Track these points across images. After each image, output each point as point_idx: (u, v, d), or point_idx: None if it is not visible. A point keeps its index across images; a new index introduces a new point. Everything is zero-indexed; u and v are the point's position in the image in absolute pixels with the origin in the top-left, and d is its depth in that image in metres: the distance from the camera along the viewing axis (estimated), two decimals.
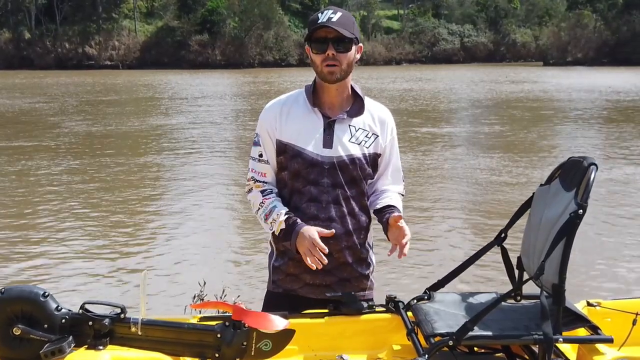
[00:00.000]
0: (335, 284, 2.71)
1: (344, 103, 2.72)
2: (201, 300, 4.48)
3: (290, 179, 2.70)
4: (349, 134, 2.68)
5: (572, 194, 2.30)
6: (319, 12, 2.63)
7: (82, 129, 19.97)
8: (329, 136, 2.65)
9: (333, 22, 2.56)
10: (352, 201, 2.70)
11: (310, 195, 2.66)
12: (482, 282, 6.28)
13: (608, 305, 2.69)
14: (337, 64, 2.59)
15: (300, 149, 2.65)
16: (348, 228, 2.69)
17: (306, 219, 2.65)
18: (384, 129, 2.74)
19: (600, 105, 26.70)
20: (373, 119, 2.73)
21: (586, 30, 76.14)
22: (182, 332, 2.28)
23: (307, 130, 2.66)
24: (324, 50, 2.58)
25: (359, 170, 2.68)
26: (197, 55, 71.42)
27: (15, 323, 2.18)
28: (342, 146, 2.65)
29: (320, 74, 2.63)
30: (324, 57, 2.59)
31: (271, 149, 2.71)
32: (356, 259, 2.76)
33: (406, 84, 40.24)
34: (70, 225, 9.11)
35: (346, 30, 2.57)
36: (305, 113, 2.69)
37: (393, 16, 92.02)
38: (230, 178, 12.56)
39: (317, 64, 2.62)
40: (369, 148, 2.70)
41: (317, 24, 2.58)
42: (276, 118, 2.70)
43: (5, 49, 68.71)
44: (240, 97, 32.57)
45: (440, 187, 11.70)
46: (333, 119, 2.67)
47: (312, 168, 2.64)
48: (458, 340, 2.24)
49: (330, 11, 2.60)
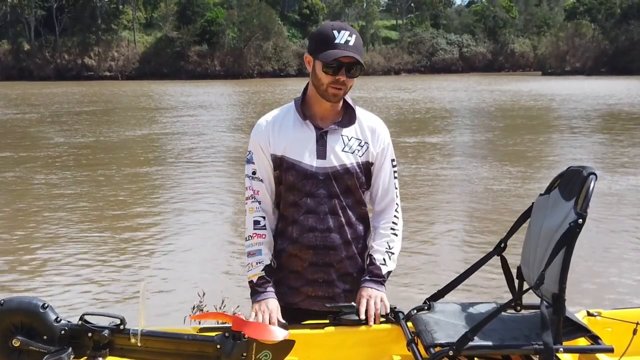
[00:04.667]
0: (339, 295, 2.69)
1: (335, 114, 2.69)
2: (201, 311, 4.46)
3: (286, 191, 2.68)
4: (341, 143, 2.65)
5: (571, 204, 2.30)
6: (332, 29, 2.53)
7: (78, 140, 19.98)
8: (322, 147, 2.63)
9: (351, 47, 2.50)
10: (349, 210, 2.68)
11: (307, 207, 2.64)
12: (482, 292, 6.27)
13: (608, 315, 2.69)
14: (343, 88, 2.56)
15: (294, 161, 2.63)
16: (347, 238, 2.67)
17: (305, 231, 2.64)
18: (374, 137, 2.70)
19: (600, 114, 26.75)
20: (364, 128, 2.70)
21: (584, 39, 76.46)
22: (182, 343, 2.28)
23: (299, 143, 2.64)
24: (335, 72, 2.52)
25: (354, 179, 2.66)
26: (196, 65, 71.67)
27: (15, 334, 2.17)
28: (336, 156, 2.63)
29: (324, 92, 2.58)
30: (334, 80, 2.53)
31: (266, 165, 2.69)
32: (358, 268, 2.73)
33: (405, 94, 40.31)
34: (70, 236, 9.09)
35: (360, 55, 2.52)
36: (297, 125, 2.66)
37: (392, 26, 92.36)
38: (229, 189, 12.56)
39: (322, 82, 2.56)
40: (362, 157, 2.67)
41: (334, 44, 2.50)
42: (268, 133, 2.67)
43: (5, 60, 68.90)
44: (242, 106, 32.62)
45: (440, 196, 11.71)
46: (325, 130, 2.64)
47: (307, 180, 2.63)
48: (458, 351, 2.23)
49: (347, 33, 2.51)
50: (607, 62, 73.59)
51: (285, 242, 2.70)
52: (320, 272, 2.67)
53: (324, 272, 2.67)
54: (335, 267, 2.67)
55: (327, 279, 2.67)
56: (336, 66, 2.52)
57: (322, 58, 2.51)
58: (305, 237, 2.64)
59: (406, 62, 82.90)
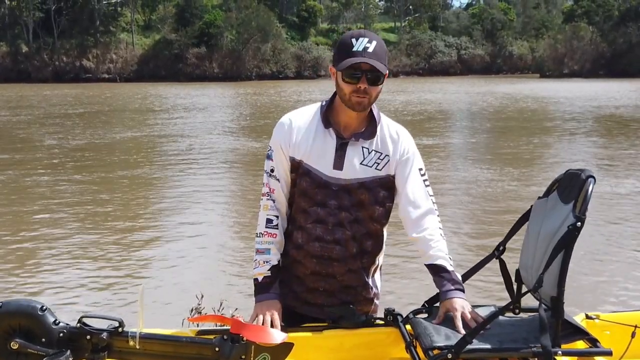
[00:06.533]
0: (337, 306, 2.66)
1: (359, 124, 2.62)
2: (199, 313, 4.45)
3: (298, 196, 2.64)
4: (361, 155, 2.58)
5: (570, 207, 2.30)
6: (352, 37, 2.48)
7: (75, 143, 19.96)
8: (340, 158, 2.57)
9: (369, 54, 2.44)
10: (358, 225, 2.62)
11: (316, 217, 2.60)
12: (480, 295, 6.26)
13: (607, 318, 2.69)
14: (367, 96, 2.49)
15: (310, 167, 2.59)
16: (352, 251, 2.62)
17: (311, 240, 2.61)
18: (396, 147, 2.62)
19: (598, 117, 26.78)
20: (385, 140, 2.63)
21: (582, 42, 76.59)
22: (180, 346, 2.28)
23: (318, 150, 2.59)
24: (356, 81, 2.46)
25: (369, 193, 2.59)
26: (195, 68, 71.59)
27: (13, 337, 2.17)
28: (353, 169, 2.57)
29: (348, 102, 2.51)
30: (355, 89, 2.47)
31: (284, 165, 2.64)
32: (360, 282, 2.70)
33: (403, 96, 40.32)
34: (68, 239, 9.08)
35: (381, 63, 2.45)
36: (319, 132, 2.60)
37: (390, 28, 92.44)
38: (230, 190, 12.56)
39: (345, 92, 2.50)
40: (382, 170, 2.60)
41: (352, 52, 2.44)
42: (292, 134, 2.62)
43: (3, 63, 68.77)
44: (240, 109, 32.62)
45: (438, 198, 11.65)
46: (346, 141, 2.58)
47: (320, 189, 2.58)
48: (457, 354, 2.23)
49: (366, 39, 2.45)
50: (605, 65, 73.69)
51: (290, 246, 2.69)
52: (321, 282, 2.65)
53: (326, 281, 2.65)
54: (338, 279, 2.65)
55: (328, 288, 2.65)
56: (356, 74, 2.46)
57: (340, 67, 2.47)
58: (311, 246, 2.62)
59: (404, 65, 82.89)
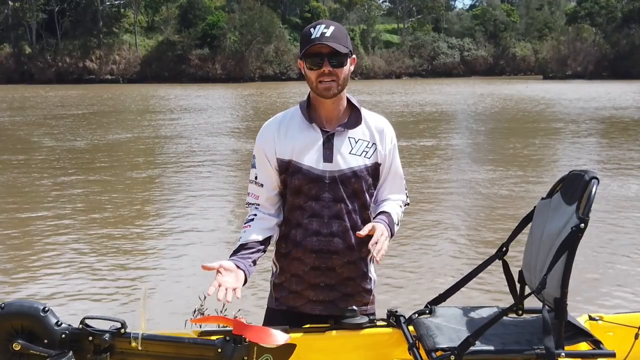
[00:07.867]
0: (339, 299, 2.69)
1: (340, 115, 2.68)
2: (201, 314, 4.46)
3: (291, 195, 2.66)
4: (348, 145, 2.64)
5: (573, 208, 2.30)
6: (310, 27, 2.58)
7: (78, 144, 19.99)
8: (329, 150, 2.62)
9: (327, 38, 2.51)
10: (354, 215, 2.66)
11: (312, 211, 2.63)
12: (483, 296, 6.26)
13: (610, 320, 2.68)
14: (333, 79, 2.55)
15: (300, 165, 2.62)
16: (350, 243, 2.65)
17: (309, 235, 2.63)
18: (382, 137, 2.70)
19: (602, 118, 26.74)
20: (371, 129, 2.69)
21: (585, 44, 76.57)
22: (183, 347, 2.28)
23: (306, 146, 2.63)
24: (319, 66, 2.53)
25: (361, 182, 2.65)
26: (198, 69, 71.77)
27: (15, 338, 2.17)
28: (343, 159, 2.62)
29: (316, 89, 2.59)
30: (320, 73, 2.54)
31: (269, 170, 2.68)
32: (359, 274, 2.72)
33: (405, 97, 40.34)
34: (70, 240, 9.09)
35: (340, 44, 2.52)
36: (303, 128, 2.65)
37: (393, 30, 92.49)
38: (231, 192, 12.56)
39: (312, 80, 2.57)
40: (370, 158, 2.66)
41: (311, 39, 2.52)
42: (274, 137, 2.67)
43: (6, 64, 68.95)
44: (243, 110, 32.64)
45: (442, 199, 11.69)
46: (332, 132, 2.64)
47: (313, 183, 2.62)
48: (460, 355, 2.23)
49: (322, 26, 2.54)
50: (608, 67, 73.69)
51: (289, 245, 2.70)
52: (322, 276, 2.67)
53: (326, 276, 2.66)
54: (337, 271, 2.66)
55: (328, 283, 2.67)
56: (318, 60, 2.53)
57: (303, 56, 2.57)
58: (309, 241, 2.64)
59: (407, 66, 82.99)
